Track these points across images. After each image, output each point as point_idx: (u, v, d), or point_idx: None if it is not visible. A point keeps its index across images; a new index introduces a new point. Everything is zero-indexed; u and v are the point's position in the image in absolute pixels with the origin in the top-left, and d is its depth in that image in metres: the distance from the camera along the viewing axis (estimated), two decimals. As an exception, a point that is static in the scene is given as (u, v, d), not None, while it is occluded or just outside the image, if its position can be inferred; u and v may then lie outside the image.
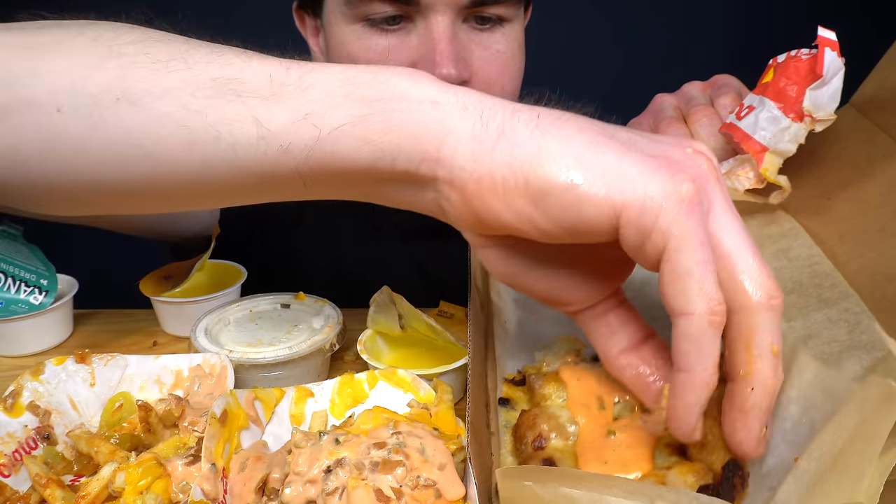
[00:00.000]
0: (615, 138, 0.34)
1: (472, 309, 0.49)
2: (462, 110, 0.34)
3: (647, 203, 0.32)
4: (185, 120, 0.36)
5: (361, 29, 0.69)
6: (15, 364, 0.66)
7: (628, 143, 0.34)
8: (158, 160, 0.37)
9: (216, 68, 0.37)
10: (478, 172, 0.34)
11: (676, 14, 1.96)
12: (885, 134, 0.51)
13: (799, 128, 0.52)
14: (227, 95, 0.36)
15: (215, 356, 0.55)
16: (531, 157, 0.33)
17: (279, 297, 0.66)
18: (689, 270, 0.32)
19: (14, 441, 0.48)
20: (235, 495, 0.43)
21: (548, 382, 0.46)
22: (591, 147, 0.33)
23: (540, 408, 0.45)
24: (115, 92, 0.37)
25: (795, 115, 0.52)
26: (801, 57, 0.53)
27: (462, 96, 0.35)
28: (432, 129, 0.34)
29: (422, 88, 0.35)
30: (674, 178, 0.32)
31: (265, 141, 0.36)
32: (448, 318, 0.67)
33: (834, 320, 0.44)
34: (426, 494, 0.40)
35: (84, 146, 0.37)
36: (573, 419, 0.43)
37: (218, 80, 0.36)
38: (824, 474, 0.33)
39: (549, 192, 0.33)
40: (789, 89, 0.53)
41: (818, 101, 0.51)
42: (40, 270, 0.68)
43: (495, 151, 0.34)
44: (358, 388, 0.53)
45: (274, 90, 0.36)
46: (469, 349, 0.45)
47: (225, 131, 0.36)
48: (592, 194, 0.32)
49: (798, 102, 0.52)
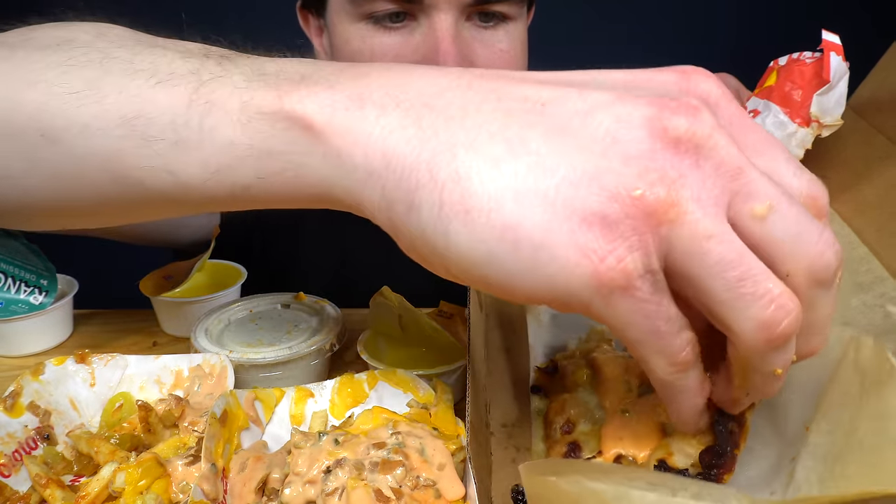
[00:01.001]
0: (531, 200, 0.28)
1: (472, 309, 0.50)
2: (367, 177, 0.30)
3: (570, 300, 0.29)
4: (105, 164, 0.34)
5: (365, 27, 0.69)
6: (15, 364, 0.66)
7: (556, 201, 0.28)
8: (95, 197, 0.36)
9: (124, 101, 0.33)
10: (400, 240, 0.32)
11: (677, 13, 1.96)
12: (882, 136, 0.52)
13: (806, 133, 0.52)
14: (136, 138, 0.33)
15: (215, 356, 0.55)
16: (442, 249, 0.30)
17: (279, 298, 0.66)
18: (635, 343, 0.30)
19: (14, 441, 0.48)
20: (235, 495, 0.43)
21: (579, 369, 0.47)
22: (503, 237, 0.28)
23: (570, 394, 0.46)
24: (37, 127, 0.35)
25: (802, 121, 0.52)
26: (804, 60, 0.53)
27: (366, 154, 0.30)
28: (345, 197, 0.32)
29: (322, 140, 0.31)
30: (600, 267, 0.27)
31: (187, 187, 0.34)
32: (448, 318, 0.67)
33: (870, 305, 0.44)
34: (426, 494, 0.41)
35: (26, 176, 0.36)
36: (601, 404, 0.44)
37: (125, 119, 0.33)
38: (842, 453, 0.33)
39: (472, 282, 0.31)
40: (794, 94, 0.53)
41: (825, 107, 0.51)
42: (40, 270, 0.68)
43: (407, 230, 0.31)
44: (358, 388, 0.53)
45: (178, 133, 0.33)
46: (469, 349, 0.46)
47: (146, 178, 0.34)
48: (510, 291, 0.30)
49: (804, 107, 0.52)
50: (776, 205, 0.29)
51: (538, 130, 0.29)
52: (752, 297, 0.28)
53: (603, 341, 0.50)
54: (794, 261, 0.29)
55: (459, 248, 0.29)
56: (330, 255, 0.87)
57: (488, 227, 0.28)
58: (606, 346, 0.49)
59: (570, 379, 0.46)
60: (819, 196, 0.31)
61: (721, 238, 0.28)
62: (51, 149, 0.35)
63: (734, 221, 0.29)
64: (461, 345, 0.57)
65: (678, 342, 0.30)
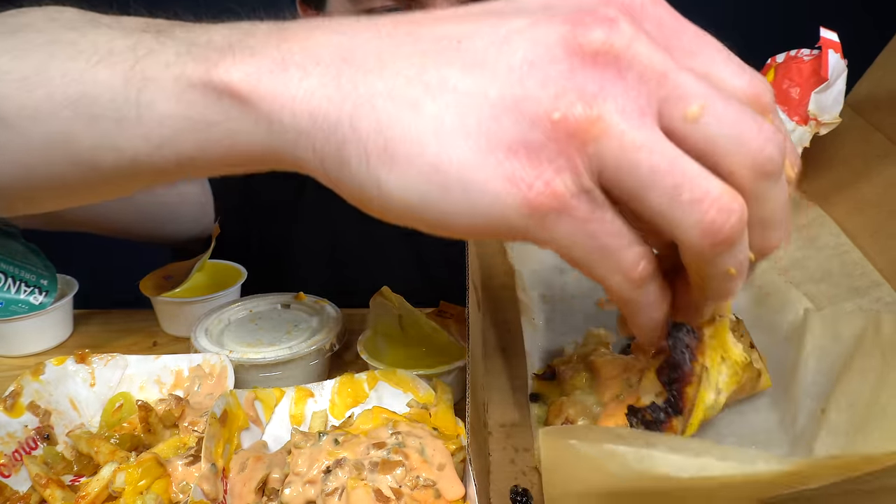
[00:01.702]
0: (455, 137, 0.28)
1: (470, 309, 0.50)
2: (297, 136, 0.31)
3: (510, 231, 0.29)
4: (59, 147, 0.35)
5: None
6: (15, 364, 0.66)
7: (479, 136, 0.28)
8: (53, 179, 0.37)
9: (69, 83, 0.34)
10: (342, 193, 0.32)
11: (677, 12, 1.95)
12: (880, 133, 0.52)
13: (804, 131, 0.52)
14: (84, 119, 0.34)
15: (215, 356, 0.55)
16: (377, 198, 0.30)
17: (279, 298, 0.66)
18: (585, 263, 0.30)
19: (14, 441, 0.48)
20: (235, 495, 0.43)
21: (578, 373, 0.47)
22: (431, 179, 0.29)
23: (568, 397, 0.46)
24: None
25: (800, 119, 0.52)
26: (802, 58, 0.53)
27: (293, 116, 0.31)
28: (285, 158, 0.32)
29: (251, 107, 0.31)
30: (528, 193, 0.28)
31: (135, 162, 0.35)
32: (448, 318, 0.67)
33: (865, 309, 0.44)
34: (425, 494, 0.41)
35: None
36: (599, 402, 0.44)
37: (71, 100, 0.34)
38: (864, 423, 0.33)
39: (414, 226, 0.31)
40: (792, 91, 0.53)
41: (823, 105, 0.51)
42: (40, 270, 0.68)
43: (343, 183, 0.31)
44: (358, 388, 0.53)
45: (119, 111, 0.33)
46: (468, 349, 0.46)
47: (97, 157, 0.35)
48: (450, 230, 0.30)
49: (802, 105, 0.52)
50: (709, 105, 0.28)
51: (455, 68, 0.29)
52: (691, 202, 0.28)
53: (600, 344, 0.49)
54: (734, 158, 0.29)
55: (392, 195, 0.29)
56: (330, 255, 0.87)
57: (415, 171, 0.29)
58: (604, 349, 0.49)
59: (569, 383, 0.46)
60: (762, 93, 0.31)
61: (651, 147, 0.28)
62: (5, 134, 0.36)
63: (668, 129, 0.28)
64: (460, 345, 0.57)
65: (630, 256, 0.30)
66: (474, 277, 0.55)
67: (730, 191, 0.29)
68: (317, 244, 0.87)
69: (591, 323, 0.52)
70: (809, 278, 0.48)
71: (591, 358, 0.47)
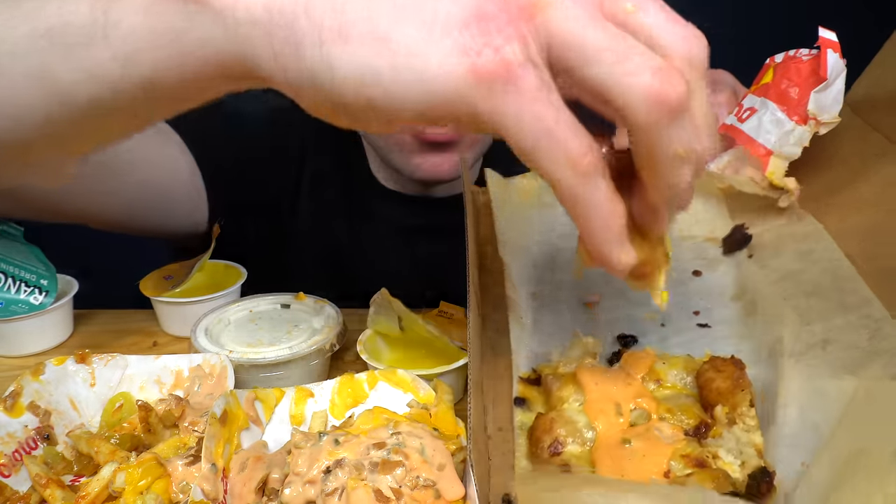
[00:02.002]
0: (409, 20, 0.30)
1: (471, 309, 0.50)
2: (252, 29, 0.32)
3: (459, 104, 0.30)
4: (41, 80, 0.37)
5: None
6: (15, 364, 0.66)
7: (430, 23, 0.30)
8: (42, 118, 0.38)
9: (45, 16, 0.37)
10: (302, 97, 0.33)
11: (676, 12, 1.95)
12: (878, 133, 0.52)
13: (803, 131, 0.52)
14: (59, 48, 0.36)
15: (215, 356, 0.56)
16: (329, 83, 0.31)
17: (279, 298, 0.66)
18: (532, 149, 0.30)
19: (14, 441, 0.48)
20: (235, 495, 0.43)
21: (565, 385, 0.46)
22: (380, 51, 0.30)
23: (556, 411, 0.45)
24: None
25: (799, 118, 0.52)
26: (801, 58, 0.53)
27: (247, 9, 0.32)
28: (245, 61, 0.33)
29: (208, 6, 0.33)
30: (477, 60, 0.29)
31: (106, 86, 0.36)
32: (448, 319, 0.67)
33: (854, 326, 0.43)
34: (425, 495, 0.41)
35: None
36: (590, 424, 0.43)
37: (47, 30, 0.36)
38: (839, 479, 0.33)
39: (363, 111, 0.32)
40: (791, 91, 0.53)
41: (822, 104, 0.52)
42: (40, 270, 0.68)
43: (296, 74, 0.32)
44: (358, 389, 0.53)
45: (89, 35, 0.35)
46: (469, 350, 0.46)
47: (74, 87, 0.36)
48: (397, 110, 0.31)
49: (801, 105, 0.52)
50: (642, 3, 0.31)
51: None
52: (637, 68, 0.29)
53: (587, 354, 0.49)
54: (668, 43, 0.31)
55: (344, 75, 0.30)
56: (330, 255, 0.87)
57: (365, 45, 0.30)
58: (590, 359, 0.48)
59: (555, 395, 0.46)
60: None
61: (596, 24, 0.29)
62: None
63: (610, 15, 0.30)
64: (459, 347, 0.57)
65: (576, 144, 0.30)
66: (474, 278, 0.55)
67: (674, 67, 0.30)
68: (317, 244, 0.87)
69: (579, 325, 0.51)
70: (801, 291, 0.48)
71: (577, 370, 0.46)
